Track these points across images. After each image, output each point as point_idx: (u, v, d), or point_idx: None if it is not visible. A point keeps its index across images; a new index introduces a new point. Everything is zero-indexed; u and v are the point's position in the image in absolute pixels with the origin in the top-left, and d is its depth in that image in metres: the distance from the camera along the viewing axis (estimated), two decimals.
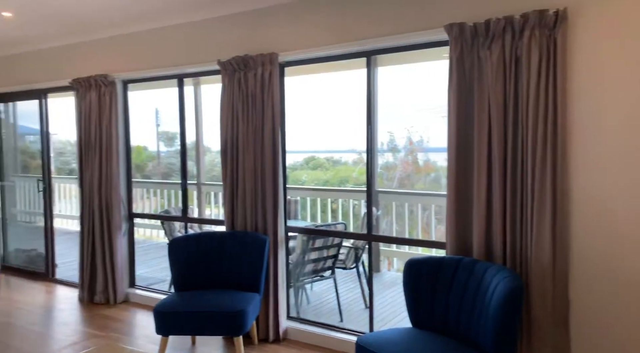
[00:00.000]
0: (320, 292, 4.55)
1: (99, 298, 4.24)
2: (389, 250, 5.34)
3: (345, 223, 4.37)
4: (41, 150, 4.96)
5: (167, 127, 11.60)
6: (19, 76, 4.92)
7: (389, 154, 7.93)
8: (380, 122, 4.37)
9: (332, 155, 11.74)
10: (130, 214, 4.43)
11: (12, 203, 5.90)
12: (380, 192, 5.34)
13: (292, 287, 3.77)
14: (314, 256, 3.79)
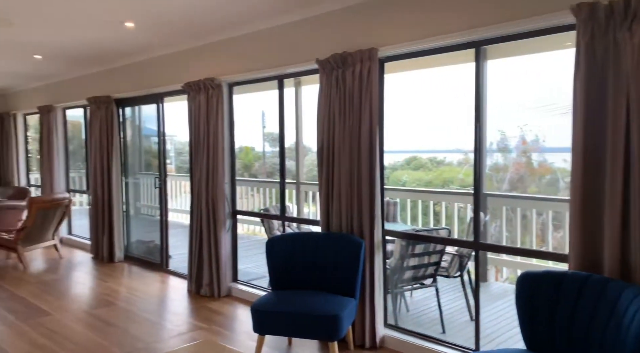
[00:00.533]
0: (420, 300, 4.30)
1: (204, 291, 4.47)
2: (497, 259, 4.90)
3: (449, 228, 4.07)
4: (158, 150, 5.39)
5: (272, 129, 12.04)
6: (140, 82, 5.39)
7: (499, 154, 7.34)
8: (490, 120, 4.01)
9: (435, 155, 11.24)
10: (234, 211, 4.60)
11: (137, 198, 6.53)
12: (488, 195, 4.91)
13: (390, 293, 3.59)
14: (414, 262, 3.57)
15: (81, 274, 5.32)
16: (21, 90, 7.88)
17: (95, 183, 5.93)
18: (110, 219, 5.81)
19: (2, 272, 5.39)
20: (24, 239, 5.47)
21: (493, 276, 5.05)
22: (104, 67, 5.89)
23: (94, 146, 5.90)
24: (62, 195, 5.90)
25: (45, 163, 6.98)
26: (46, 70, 6.22)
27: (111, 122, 5.71)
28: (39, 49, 4.96)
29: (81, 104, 6.48)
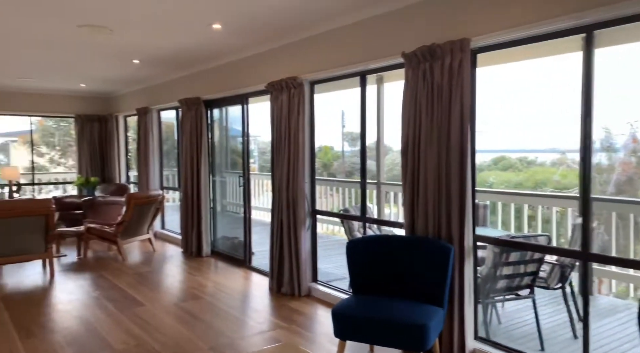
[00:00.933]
0: (513, 312, 3.96)
1: (285, 290, 4.49)
2: (603, 270, 4.38)
3: (549, 235, 3.69)
4: (242, 149, 5.53)
5: (351, 128, 11.95)
6: (226, 83, 5.56)
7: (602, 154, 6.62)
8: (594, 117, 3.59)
9: (525, 155, 10.46)
10: (313, 211, 4.57)
11: (223, 196, 6.78)
12: (593, 199, 4.41)
13: (481, 303, 3.32)
14: (508, 271, 3.27)
15: (172, 267, 5.62)
16: (122, 94, 8.55)
17: (185, 181, 6.24)
18: (198, 216, 6.08)
19: (104, 262, 5.85)
20: (123, 232, 5.91)
21: (596, 288, 4.53)
22: (193, 70, 6.17)
23: (185, 146, 6.21)
24: (156, 192, 6.29)
25: (142, 161, 7.50)
26: (143, 74, 6.67)
27: (200, 122, 5.96)
28: (136, 54, 5.30)
29: (173, 106, 6.86)
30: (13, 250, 4.94)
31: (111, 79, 7.08)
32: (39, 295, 4.50)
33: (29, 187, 9.14)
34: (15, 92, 8.15)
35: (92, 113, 8.96)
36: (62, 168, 13.70)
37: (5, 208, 4.84)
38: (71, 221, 7.59)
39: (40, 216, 5.03)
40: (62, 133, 13.96)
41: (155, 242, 6.62)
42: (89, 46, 4.87)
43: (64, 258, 6.06)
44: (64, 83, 7.55)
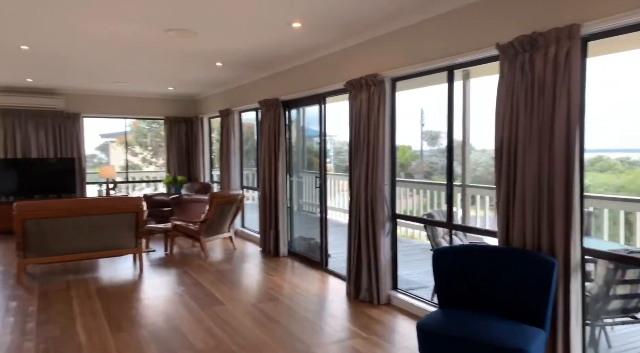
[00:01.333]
0: (627, 335, 3.45)
1: (363, 296, 4.32)
2: None
3: None
4: (319, 150, 5.45)
5: (431, 127, 11.49)
6: (304, 83, 5.51)
7: None
8: None
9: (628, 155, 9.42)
10: (393, 214, 4.35)
11: (300, 196, 6.78)
12: None
13: (589, 325, 2.92)
14: (624, 290, 2.84)
15: (251, 266, 5.68)
16: (206, 96, 8.90)
17: (263, 181, 6.31)
18: (276, 215, 6.10)
19: (188, 258, 6.07)
20: (205, 230, 6.09)
21: None
22: (272, 71, 6.21)
23: (264, 146, 6.27)
24: (236, 192, 6.42)
25: (224, 161, 7.73)
26: (225, 76, 6.85)
27: (278, 123, 5.98)
28: (219, 56, 5.42)
29: (253, 107, 6.97)
30: (107, 244, 5.27)
31: (196, 81, 7.36)
32: (129, 289, 4.74)
33: (123, 184, 9.84)
34: (113, 96, 8.80)
35: (179, 115, 9.43)
36: (153, 167, 14.66)
37: (101, 206, 5.18)
38: (160, 217, 8.03)
39: (131, 213, 5.33)
40: (154, 134, 14.92)
41: (235, 240, 6.76)
42: (175, 50, 5.06)
43: (153, 253, 6.39)
44: (155, 87, 8.00)
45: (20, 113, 7.88)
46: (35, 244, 4.91)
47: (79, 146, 8.43)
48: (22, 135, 7.95)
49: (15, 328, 3.63)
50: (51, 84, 7.53)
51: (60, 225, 4.96)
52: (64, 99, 8.19)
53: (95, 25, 4.06)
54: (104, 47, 4.91)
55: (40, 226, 4.87)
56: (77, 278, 5.09)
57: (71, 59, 5.54)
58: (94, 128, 14.90)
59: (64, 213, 4.95)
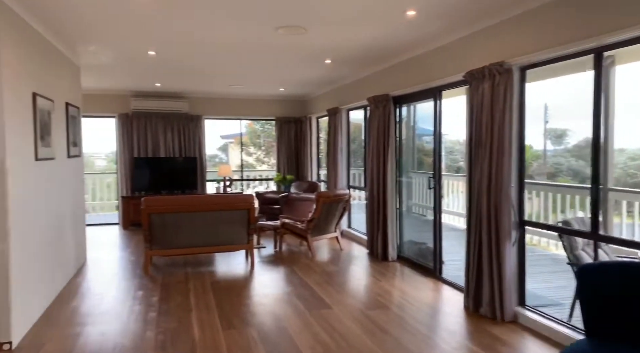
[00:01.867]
0: None
1: (484, 311, 3.87)
2: None
3: None
4: (433, 148, 5.06)
5: (556, 124, 10.33)
6: (417, 77, 5.16)
7: None
8: None
9: None
10: (521, 221, 3.82)
11: (408, 197, 6.43)
12: None
13: None
14: None
15: (358, 269, 5.49)
16: (315, 96, 8.94)
17: (371, 181, 6.08)
18: (384, 217, 5.84)
19: (296, 257, 6.08)
20: (312, 229, 6.05)
21: None
22: (382, 66, 5.95)
23: (372, 145, 6.05)
24: (343, 191, 6.29)
25: (331, 160, 7.67)
26: (334, 74, 6.76)
27: (388, 120, 5.71)
28: (328, 53, 5.32)
29: (361, 105, 6.79)
30: (221, 240, 5.47)
31: (306, 81, 7.39)
32: (240, 284, 4.85)
33: (238, 182, 10.33)
34: (229, 98, 9.27)
35: (289, 115, 9.62)
36: (265, 166, 15.30)
37: (216, 202, 5.39)
38: (270, 214, 8.25)
39: (243, 210, 5.47)
40: (266, 134, 15.57)
41: (341, 240, 6.64)
42: (286, 49, 5.06)
43: (263, 249, 6.53)
44: (267, 88, 8.23)
45: (151, 115, 8.66)
46: (159, 237, 5.27)
47: (200, 146, 9.02)
48: (153, 136, 8.72)
49: (139, 317, 3.88)
50: (176, 88, 8.14)
51: (180, 220, 5.26)
52: (188, 102, 8.82)
53: (211, 30, 4.18)
54: (220, 51, 5.09)
55: (163, 220, 5.21)
56: (194, 271, 5.36)
57: (192, 63, 5.87)
58: (215, 129, 16.04)
59: (183, 208, 5.24)
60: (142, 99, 8.52)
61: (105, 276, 5.18)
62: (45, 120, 4.16)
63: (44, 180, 4.11)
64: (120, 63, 5.82)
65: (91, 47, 5.00)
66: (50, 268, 4.26)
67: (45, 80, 4.25)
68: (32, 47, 3.92)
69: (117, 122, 8.59)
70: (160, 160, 8.69)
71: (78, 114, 5.62)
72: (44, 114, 4.11)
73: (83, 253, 5.80)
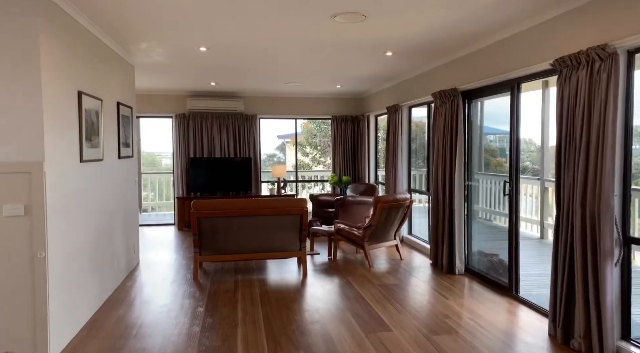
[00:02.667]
0: None
1: (577, 344, 3.23)
2: None
3: None
4: (510, 148, 4.42)
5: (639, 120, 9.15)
6: (491, 68, 4.55)
7: None
8: None
9: None
10: (627, 238, 3.14)
11: (476, 202, 5.79)
12: None
13: None
14: None
15: (420, 283, 4.96)
16: (373, 93, 8.44)
17: (436, 185, 5.51)
18: (450, 225, 5.25)
19: (351, 266, 5.65)
20: (369, 237, 5.59)
21: None
22: (450, 58, 5.36)
23: (437, 144, 5.48)
24: (403, 196, 5.77)
25: (390, 161, 7.15)
26: (395, 69, 6.24)
27: (456, 117, 5.12)
28: (389, 44, 4.84)
29: (424, 101, 6.23)
30: (272, 246, 5.16)
31: (364, 77, 6.93)
32: (291, 296, 4.49)
33: (293, 183, 10.05)
34: (285, 97, 9.00)
35: (345, 114, 9.20)
36: (321, 166, 14.99)
37: (267, 207, 5.07)
38: (325, 218, 7.87)
39: (295, 215, 5.12)
40: (322, 134, 15.26)
41: (401, 248, 6.10)
42: (343, 41, 4.64)
43: (317, 256, 6.16)
44: (323, 85, 7.85)
45: (207, 115, 8.57)
46: (209, 242, 5.04)
47: (255, 146, 8.82)
48: (208, 136, 8.63)
49: (182, 331, 3.61)
50: (232, 87, 7.97)
51: (230, 224, 5.00)
52: (243, 102, 8.64)
53: (264, 21, 3.85)
54: (274, 45, 4.76)
55: (213, 224, 4.97)
56: (244, 279, 5.08)
57: (245, 59, 5.60)
58: (272, 129, 15.97)
59: (233, 212, 4.97)
60: (198, 98, 8.45)
61: (155, 281, 5.02)
62: (92, 120, 4.02)
63: (90, 183, 3.97)
64: (173, 61, 5.67)
65: (143, 45, 4.85)
66: (97, 275, 4.13)
67: (93, 78, 4.11)
68: (79, 44, 3.78)
69: (174, 122, 8.58)
70: (215, 160, 8.58)
71: (131, 114, 5.53)
72: (90, 114, 3.97)
73: (136, 256, 5.71)
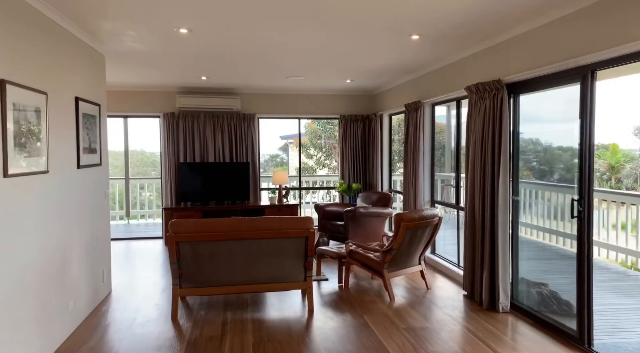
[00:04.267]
0: None
1: None
2: None
3: None
4: (580, 156, 3.37)
5: None
6: (549, 53, 3.52)
7: None
8: None
9: None
10: None
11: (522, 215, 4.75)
12: None
13: None
14: None
15: (456, 326, 3.91)
16: (388, 89, 7.42)
17: (472, 198, 4.49)
18: (492, 249, 4.23)
19: (367, 299, 4.62)
20: (390, 262, 4.57)
21: None
22: (492, 42, 4.32)
23: (474, 148, 4.46)
24: (431, 212, 4.74)
25: (409, 168, 6.14)
26: (419, 58, 5.21)
27: (500, 114, 4.10)
28: (416, 24, 3.81)
29: (454, 97, 5.21)
30: (270, 276, 4.15)
31: (379, 69, 5.91)
32: (293, 347, 3.48)
33: (296, 191, 9.04)
34: (287, 94, 7.99)
35: (355, 113, 8.19)
36: (326, 169, 13.99)
37: (263, 228, 4.06)
38: (333, 232, 6.87)
39: (299, 238, 4.11)
40: (328, 135, 14.28)
41: (427, 274, 5.06)
42: (359, 20, 3.63)
43: (325, 283, 5.14)
44: (331, 80, 6.84)
45: (199, 114, 7.57)
46: (191, 272, 4.04)
47: (253, 149, 7.81)
48: (201, 138, 7.64)
49: None
50: (226, 82, 6.96)
51: (217, 250, 4.00)
52: (240, 99, 7.64)
53: None
54: (268, 24, 3.76)
55: (196, 250, 3.97)
56: (235, 318, 4.07)
57: (235, 45, 4.60)
58: (273, 129, 14.97)
59: (221, 235, 3.97)
60: (188, 95, 7.46)
61: (125, 320, 4.02)
62: (27, 120, 3.02)
63: (24, 204, 2.97)
64: (152, 48, 4.68)
65: (107, 25, 3.86)
66: (37, 325, 3.13)
67: (30, 65, 3.12)
68: (5, 16, 2.78)
69: (162, 122, 7.59)
70: (208, 165, 7.58)
71: (99, 112, 4.53)
72: (24, 112, 2.97)
73: (106, 284, 4.72)
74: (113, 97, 7.18)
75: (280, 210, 7.49)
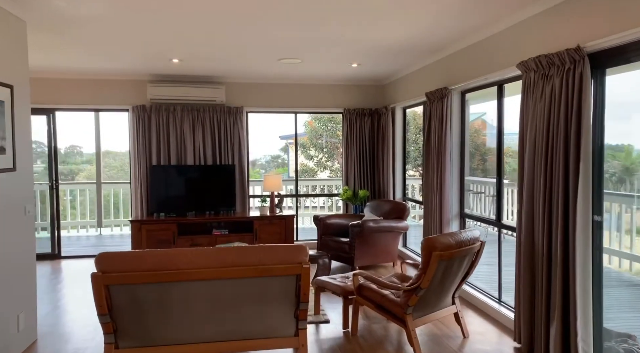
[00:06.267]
0: None
1: None
2: None
3: None
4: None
5: None
6: None
7: None
8: None
9: None
10: None
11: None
12: None
13: None
14: None
15: None
16: (402, 77, 6.16)
17: (529, 215, 3.22)
18: (564, 288, 2.96)
19: None
20: (417, 305, 3.29)
21: None
22: None
23: (531, 148, 3.20)
24: (470, 234, 3.46)
25: (431, 172, 4.87)
26: (446, 28, 3.94)
27: (577, 101, 2.82)
28: None
29: (494, 80, 3.95)
30: (247, 330, 2.89)
31: (394, 46, 4.63)
32: None
33: (292, 198, 7.77)
34: (279, 83, 6.74)
35: (362, 106, 6.93)
36: (327, 172, 12.76)
37: (236, 262, 2.79)
38: (335, 250, 5.63)
39: (288, 277, 2.85)
40: (330, 134, 13.06)
41: (463, 318, 3.77)
42: None
43: (325, 327, 3.88)
44: (334, 65, 5.57)
45: (175, 107, 6.33)
46: (131, 326, 2.78)
47: (240, 149, 6.56)
48: (178, 136, 6.38)
49: None
50: (205, 67, 5.70)
51: (168, 296, 2.74)
52: (224, 89, 6.38)
53: None
54: None
55: (135, 295, 2.71)
56: None
57: (207, 10, 3.34)
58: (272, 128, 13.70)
59: (172, 274, 2.71)
60: (161, 85, 6.20)
61: None
62: None
63: None
64: (89, 11, 3.42)
65: None
66: None
67: None
68: None
69: (131, 117, 6.34)
70: (186, 169, 6.33)
71: (10, 97, 3.28)
72: None
73: (25, 333, 3.45)
74: (71, 85, 5.94)
75: (272, 223, 6.22)
